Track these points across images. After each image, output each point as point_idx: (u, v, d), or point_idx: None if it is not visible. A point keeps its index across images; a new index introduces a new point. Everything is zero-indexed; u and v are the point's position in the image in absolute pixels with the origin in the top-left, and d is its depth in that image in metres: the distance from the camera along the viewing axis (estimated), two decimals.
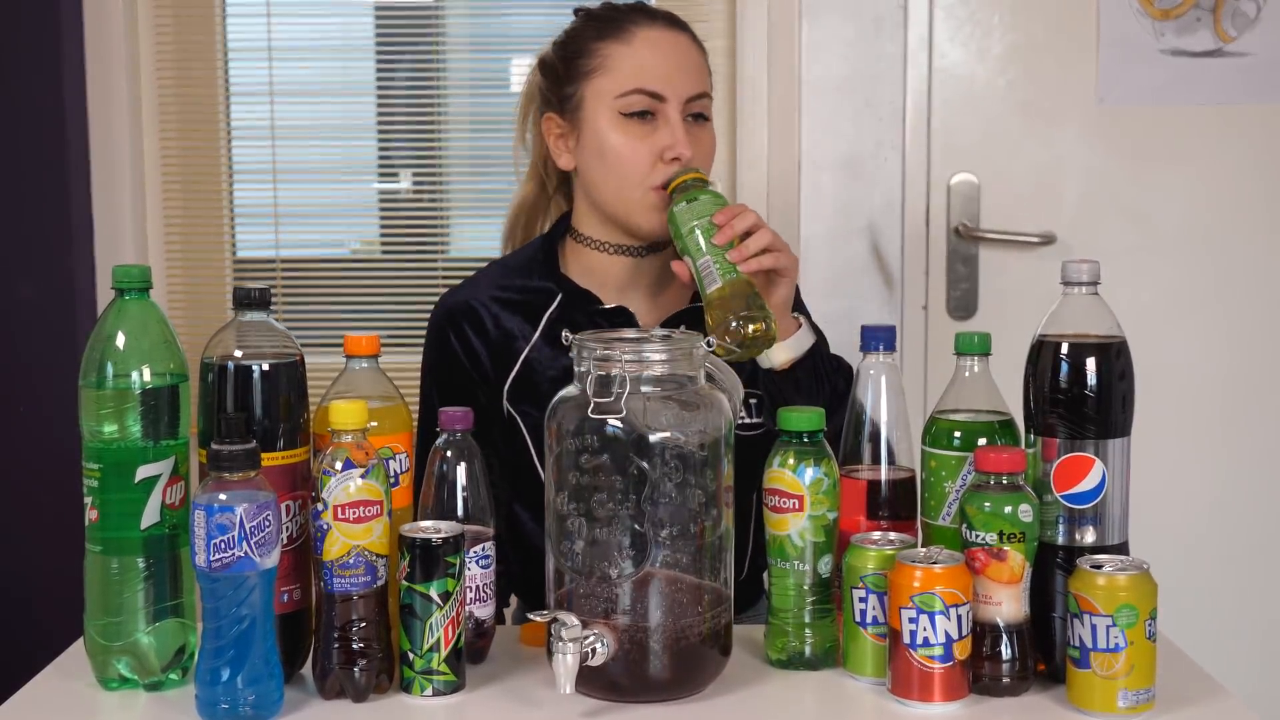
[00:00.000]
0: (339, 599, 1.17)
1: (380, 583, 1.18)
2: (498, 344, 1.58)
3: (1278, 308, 2.52)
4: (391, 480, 1.23)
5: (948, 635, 1.14)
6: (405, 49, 2.68)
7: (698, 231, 1.44)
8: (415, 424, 1.47)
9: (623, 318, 1.58)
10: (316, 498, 1.16)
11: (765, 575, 1.29)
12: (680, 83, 1.54)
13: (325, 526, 1.15)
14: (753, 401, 1.57)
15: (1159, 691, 1.16)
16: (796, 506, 1.24)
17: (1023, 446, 1.24)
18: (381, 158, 2.70)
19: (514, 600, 1.74)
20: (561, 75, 1.59)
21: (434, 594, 1.17)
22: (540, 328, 1.58)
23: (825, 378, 1.51)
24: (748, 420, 1.55)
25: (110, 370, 1.20)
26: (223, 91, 2.63)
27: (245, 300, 1.21)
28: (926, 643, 1.15)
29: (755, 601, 1.62)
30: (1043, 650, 1.21)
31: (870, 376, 1.31)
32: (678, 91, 1.53)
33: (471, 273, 1.69)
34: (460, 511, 1.26)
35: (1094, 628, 1.13)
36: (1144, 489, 1.35)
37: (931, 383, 2.46)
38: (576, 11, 1.64)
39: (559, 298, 1.59)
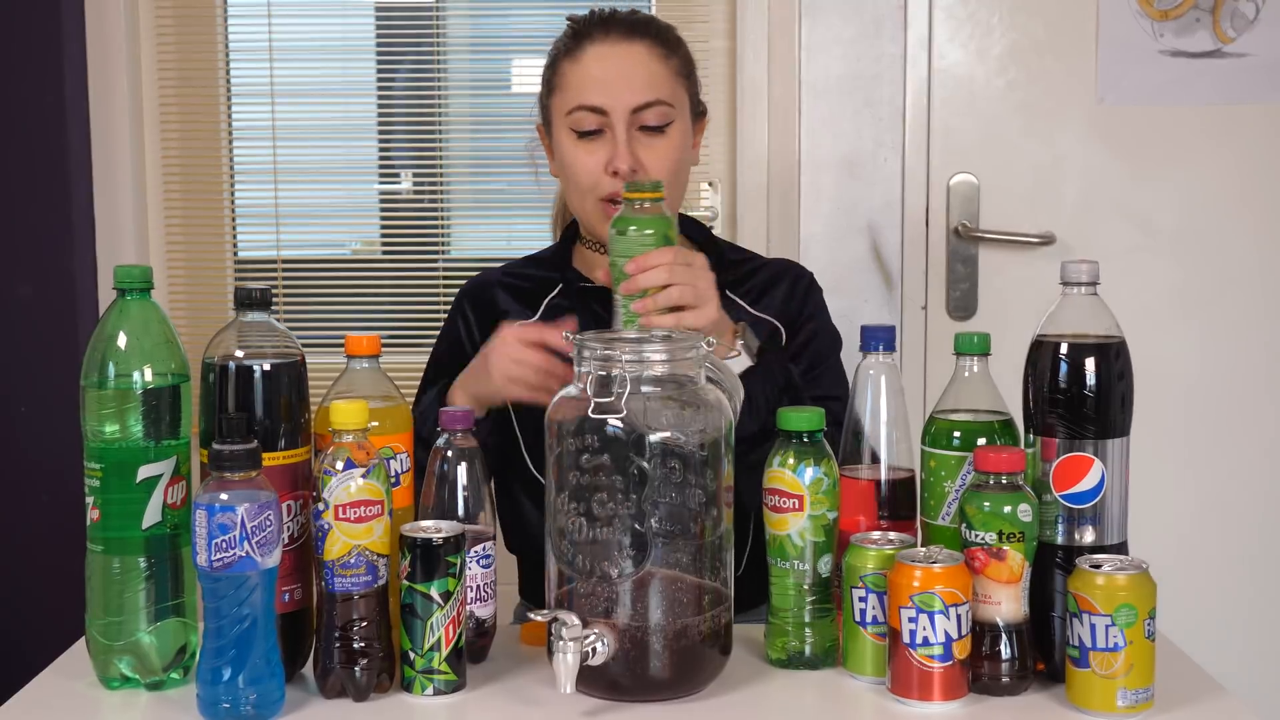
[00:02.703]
0: (340, 598, 1.17)
1: (381, 582, 1.18)
2: (497, 323, 1.63)
3: (1277, 307, 2.52)
4: (392, 480, 1.24)
5: (947, 635, 1.15)
6: (406, 49, 2.68)
7: (616, 269, 1.42)
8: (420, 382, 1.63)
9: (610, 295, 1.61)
10: (317, 497, 1.16)
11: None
12: (623, 94, 1.56)
13: (326, 526, 1.16)
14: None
15: (1158, 691, 1.16)
16: (796, 506, 1.24)
17: (1022, 446, 1.25)
18: (382, 158, 2.70)
19: (516, 598, 1.75)
20: (543, 89, 1.67)
21: (435, 593, 1.17)
22: (540, 311, 1.66)
23: (749, 415, 1.42)
24: None
25: (112, 370, 1.20)
26: (224, 92, 2.64)
27: (246, 300, 1.22)
28: (926, 642, 1.15)
29: (758, 603, 1.63)
30: (1042, 649, 1.22)
31: (870, 376, 1.31)
32: (621, 102, 1.56)
33: (475, 273, 1.77)
34: (461, 511, 1.26)
35: (1093, 627, 1.13)
36: (1143, 489, 1.36)
37: (931, 383, 2.46)
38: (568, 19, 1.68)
39: (559, 285, 1.68)
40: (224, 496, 1.10)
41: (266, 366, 1.20)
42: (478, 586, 1.27)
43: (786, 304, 1.69)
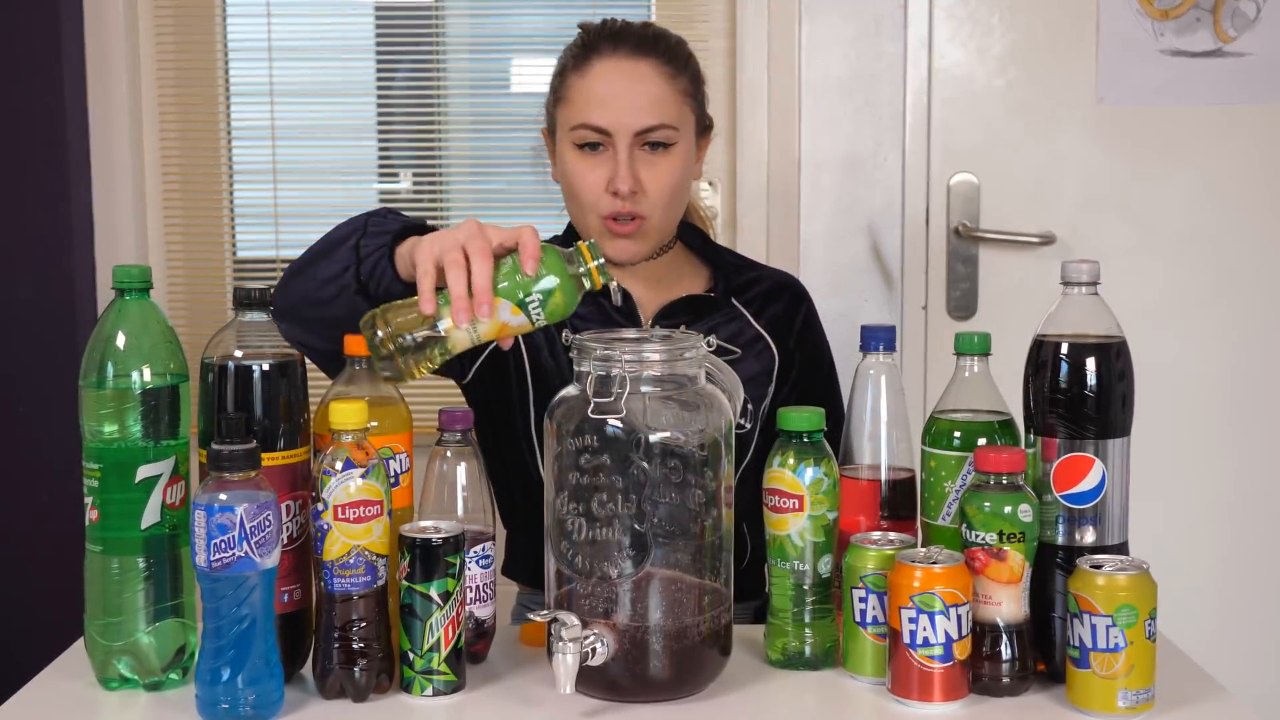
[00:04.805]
0: (339, 599, 1.17)
1: (380, 583, 1.18)
2: None
3: (1277, 308, 2.52)
4: (391, 480, 1.24)
5: (947, 635, 1.14)
6: (405, 49, 2.68)
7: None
8: None
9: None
10: (317, 498, 1.16)
11: (766, 569, 1.29)
12: (628, 117, 1.57)
13: (325, 526, 1.15)
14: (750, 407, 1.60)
15: (1159, 691, 1.16)
16: (796, 506, 1.24)
17: (1022, 446, 1.24)
18: (382, 158, 2.70)
19: (514, 593, 1.75)
20: (550, 96, 1.66)
21: (434, 594, 1.17)
22: None
23: None
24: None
25: (110, 370, 1.20)
26: (223, 92, 2.63)
27: (246, 300, 1.22)
28: (926, 642, 1.15)
29: (757, 594, 1.63)
30: (1042, 650, 1.21)
31: (870, 376, 1.31)
32: (625, 125, 1.57)
33: None
34: (460, 511, 1.26)
35: (1094, 627, 1.13)
36: (1144, 489, 1.36)
37: (931, 383, 2.46)
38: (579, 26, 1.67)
39: None
40: (223, 496, 1.10)
41: (266, 366, 1.20)
42: (477, 587, 1.26)
43: (786, 322, 1.70)
